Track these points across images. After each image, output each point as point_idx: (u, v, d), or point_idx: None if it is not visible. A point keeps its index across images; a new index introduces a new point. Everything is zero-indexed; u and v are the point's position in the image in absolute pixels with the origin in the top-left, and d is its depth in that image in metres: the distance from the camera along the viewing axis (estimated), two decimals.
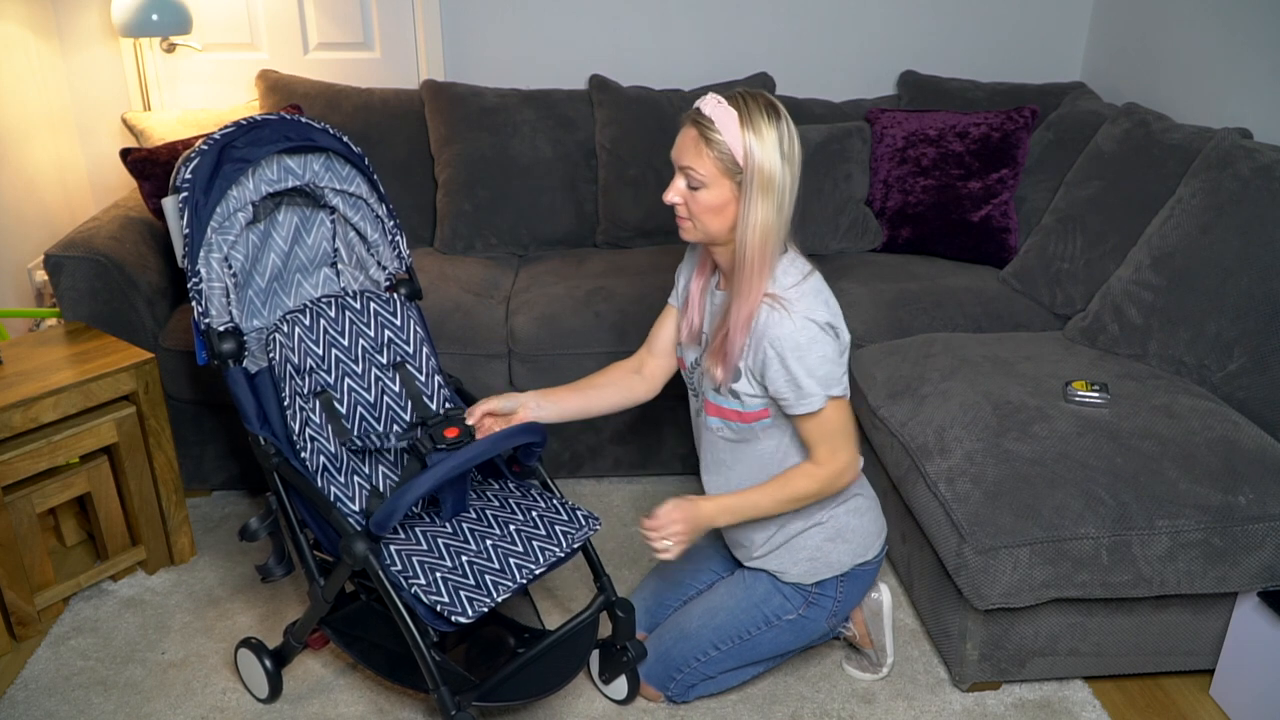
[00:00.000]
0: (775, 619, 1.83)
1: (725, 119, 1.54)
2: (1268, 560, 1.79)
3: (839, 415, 1.66)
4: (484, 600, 1.59)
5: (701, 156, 1.56)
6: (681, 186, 1.61)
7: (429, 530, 1.75)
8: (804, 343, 1.60)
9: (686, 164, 1.58)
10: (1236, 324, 2.08)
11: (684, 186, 1.61)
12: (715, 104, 1.56)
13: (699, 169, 1.57)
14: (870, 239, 2.90)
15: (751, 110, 1.55)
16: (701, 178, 1.57)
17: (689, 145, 1.58)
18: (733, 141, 1.54)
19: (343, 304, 1.88)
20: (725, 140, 1.54)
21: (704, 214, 1.61)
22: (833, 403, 1.64)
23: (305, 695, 1.91)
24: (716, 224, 1.61)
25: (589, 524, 1.78)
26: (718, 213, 1.60)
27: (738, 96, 1.57)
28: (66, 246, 2.26)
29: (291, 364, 1.77)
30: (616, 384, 1.89)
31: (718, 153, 1.55)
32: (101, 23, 2.96)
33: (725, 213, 1.60)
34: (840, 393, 1.65)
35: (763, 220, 1.57)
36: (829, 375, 1.62)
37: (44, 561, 2.07)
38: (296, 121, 1.79)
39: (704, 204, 1.60)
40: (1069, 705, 1.93)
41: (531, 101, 2.94)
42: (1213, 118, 2.64)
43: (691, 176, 1.58)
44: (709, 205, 1.59)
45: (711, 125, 1.55)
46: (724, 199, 1.59)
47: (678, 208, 1.64)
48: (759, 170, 1.55)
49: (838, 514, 1.79)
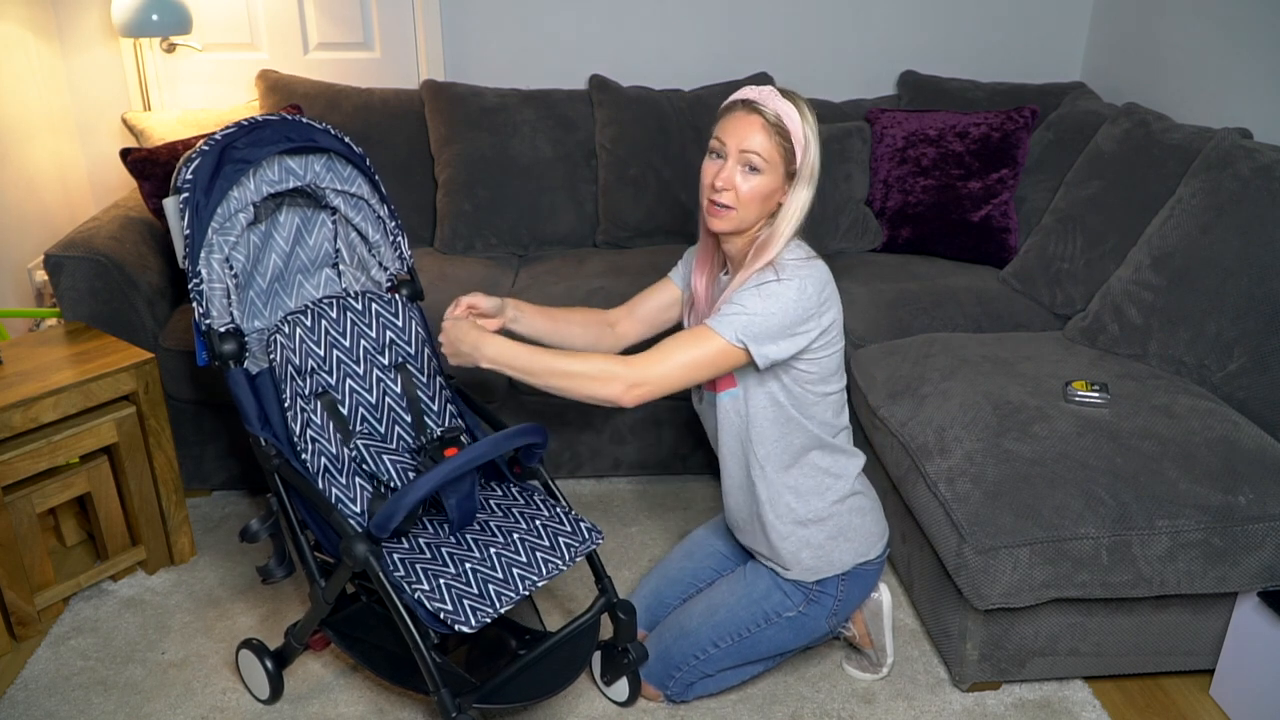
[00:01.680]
0: (775, 616, 1.83)
1: (789, 112, 1.61)
2: (1268, 560, 1.79)
3: (707, 355, 1.60)
4: (487, 610, 1.59)
5: (769, 141, 1.60)
6: (738, 171, 1.62)
7: (433, 541, 1.75)
8: (775, 291, 1.60)
9: (751, 148, 1.60)
10: (1236, 324, 2.08)
11: (743, 170, 1.62)
12: (776, 97, 1.62)
13: (764, 153, 1.60)
14: (870, 239, 2.90)
15: (803, 106, 1.63)
16: (764, 163, 1.61)
17: (754, 131, 1.60)
18: (795, 132, 1.61)
19: (344, 305, 1.87)
20: (789, 129, 1.60)
21: (752, 201, 1.63)
22: (727, 345, 1.60)
23: (306, 696, 1.91)
24: (757, 212, 1.65)
25: (592, 537, 1.78)
26: (764, 200, 1.64)
27: (789, 92, 1.63)
28: (66, 246, 2.26)
29: (292, 365, 1.77)
30: (587, 328, 1.91)
31: (782, 140, 1.61)
32: (101, 23, 2.96)
33: (769, 201, 1.65)
34: (751, 351, 1.60)
35: (801, 211, 1.65)
36: (760, 329, 1.59)
37: (44, 561, 2.07)
38: (298, 122, 1.79)
39: (756, 191, 1.62)
40: (1069, 705, 1.93)
41: (531, 101, 2.94)
42: (1213, 118, 2.64)
43: (754, 160, 1.61)
44: (761, 192, 1.63)
45: (778, 117, 1.60)
46: (774, 187, 1.64)
47: (722, 195, 1.63)
48: (811, 163, 1.63)
49: (840, 512, 1.80)
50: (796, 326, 1.62)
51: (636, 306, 1.94)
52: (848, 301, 2.57)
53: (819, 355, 1.68)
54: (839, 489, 1.79)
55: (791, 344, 1.63)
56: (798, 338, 1.63)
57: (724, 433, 1.79)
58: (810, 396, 1.71)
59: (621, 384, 1.60)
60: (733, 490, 1.85)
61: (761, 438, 1.74)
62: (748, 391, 1.72)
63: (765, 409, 1.72)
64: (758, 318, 1.60)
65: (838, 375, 1.75)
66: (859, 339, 2.48)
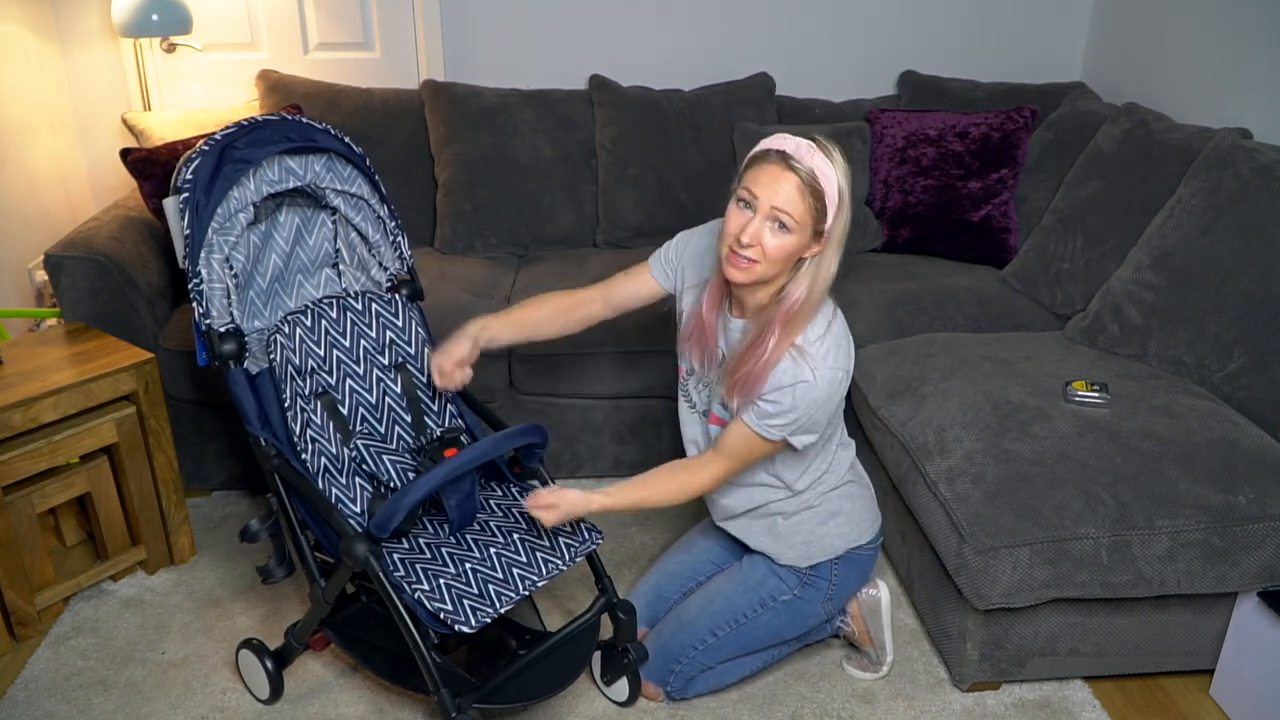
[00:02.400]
0: (771, 600, 1.85)
1: (825, 170, 1.53)
2: (1268, 560, 1.79)
3: (764, 452, 1.70)
4: (487, 610, 1.59)
5: (803, 204, 1.53)
6: (767, 227, 1.55)
7: (433, 541, 1.75)
8: (813, 397, 1.62)
9: (784, 209, 1.53)
10: (1236, 324, 2.08)
11: (772, 227, 1.55)
12: (813, 154, 1.53)
13: (795, 216, 1.53)
14: (870, 239, 2.90)
15: (838, 163, 1.55)
16: (795, 224, 1.54)
17: (790, 191, 1.53)
18: (830, 194, 1.54)
19: (344, 305, 1.87)
20: (825, 191, 1.54)
21: (779, 259, 1.57)
22: (772, 444, 1.67)
23: (306, 696, 1.91)
24: (780, 269, 1.59)
25: (592, 537, 1.78)
26: (789, 258, 1.58)
27: (827, 145, 1.55)
28: (66, 246, 2.26)
29: (293, 365, 1.77)
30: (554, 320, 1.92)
31: (816, 205, 1.54)
32: (101, 23, 2.96)
33: (793, 259, 1.59)
34: (795, 443, 1.67)
35: (832, 272, 1.61)
36: (808, 427, 1.65)
37: (44, 561, 2.07)
38: (298, 122, 1.79)
39: (784, 250, 1.56)
40: (1069, 705, 1.93)
41: (531, 101, 2.94)
42: (1213, 118, 2.64)
43: (785, 221, 1.54)
44: (787, 251, 1.56)
45: (813, 176, 1.53)
46: (802, 245, 1.57)
47: (748, 250, 1.56)
48: (843, 225, 1.58)
49: (830, 498, 1.81)
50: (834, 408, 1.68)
51: (612, 294, 1.90)
52: (848, 302, 2.57)
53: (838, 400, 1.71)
54: (830, 480, 1.82)
55: (827, 419, 1.68)
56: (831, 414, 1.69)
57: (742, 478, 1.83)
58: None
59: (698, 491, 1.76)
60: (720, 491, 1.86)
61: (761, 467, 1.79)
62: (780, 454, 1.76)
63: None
64: (800, 419, 1.63)
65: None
66: (859, 339, 2.48)
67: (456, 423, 1.96)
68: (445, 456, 1.71)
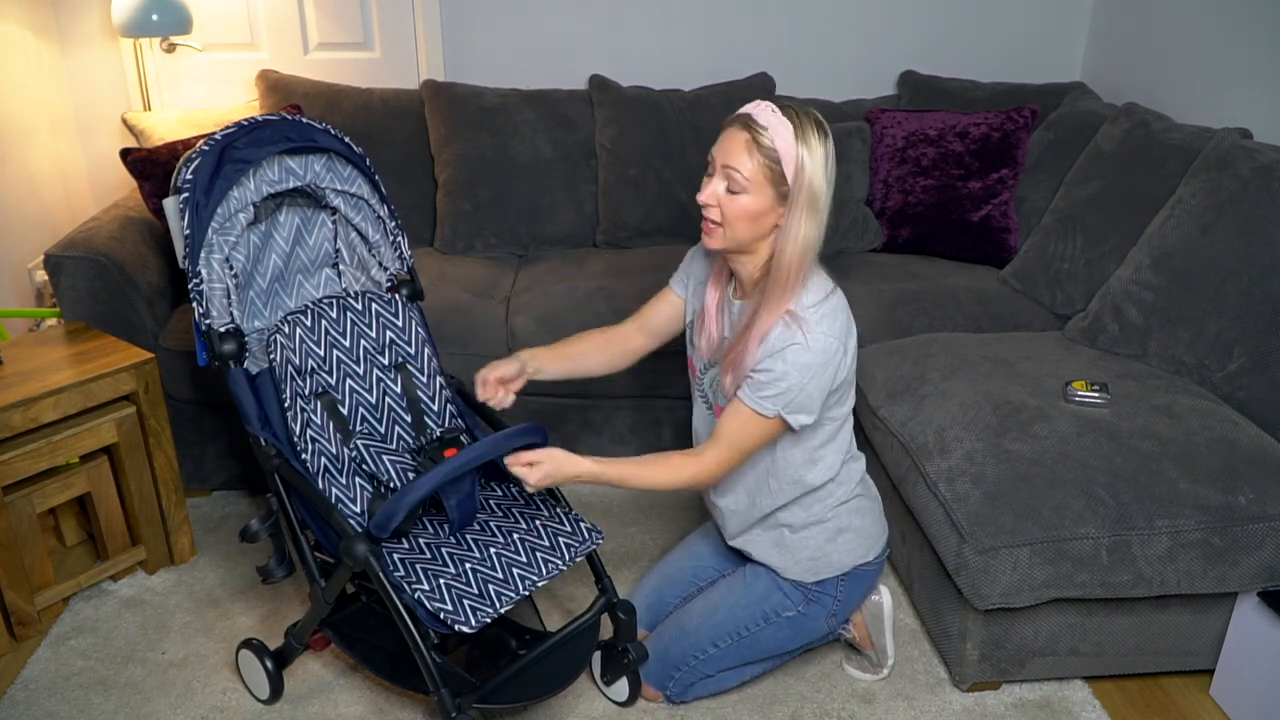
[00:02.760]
0: (774, 615, 1.83)
1: (780, 129, 1.53)
2: (1268, 560, 1.79)
3: (761, 435, 1.66)
4: (487, 610, 1.59)
5: (751, 160, 1.54)
6: (719, 189, 1.58)
7: (433, 541, 1.75)
8: (806, 362, 1.59)
9: (732, 165, 1.55)
10: (1236, 324, 2.08)
11: (722, 189, 1.58)
12: (769, 112, 1.54)
13: (744, 173, 1.54)
14: (870, 239, 2.90)
15: (805, 125, 1.54)
16: (745, 182, 1.55)
17: (738, 147, 1.55)
18: (785, 152, 1.53)
19: (344, 305, 1.87)
20: (777, 149, 1.53)
21: (738, 220, 1.58)
22: (774, 422, 1.64)
23: (306, 696, 1.91)
24: (748, 232, 1.59)
25: (592, 537, 1.78)
26: (753, 220, 1.58)
27: (792, 110, 1.55)
28: (66, 246, 2.26)
29: (292, 365, 1.77)
30: (600, 354, 1.91)
31: (767, 160, 1.54)
32: (101, 23, 2.96)
33: (760, 222, 1.58)
34: (791, 422, 1.63)
35: (805, 236, 1.58)
36: (802, 402, 1.62)
37: (44, 561, 2.07)
38: (298, 122, 1.79)
39: (741, 209, 1.57)
40: (1069, 705, 1.93)
41: (531, 101, 2.94)
42: (1213, 118, 2.64)
43: (735, 179, 1.55)
44: (746, 211, 1.57)
45: (765, 132, 1.53)
46: (763, 207, 1.57)
47: (708, 211, 1.60)
48: (808, 185, 1.55)
49: (840, 513, 1.79)
50: (827, 382, 1.64)
51: (646, 320, 1.91)
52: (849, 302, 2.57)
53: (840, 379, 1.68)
54: (840, 494, 1.80)
55: (822, 397, 1.64)
56: (827, 392, 1.65)
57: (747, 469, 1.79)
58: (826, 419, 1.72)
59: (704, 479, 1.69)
60: (729, 504, 1.85)
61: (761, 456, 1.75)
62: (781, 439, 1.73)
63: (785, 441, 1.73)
64: (794, 392, 1.60)
65: (850, 385, 1.74)
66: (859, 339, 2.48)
67: (456, 423, 1.96)
68: (445, 456, 1.71)
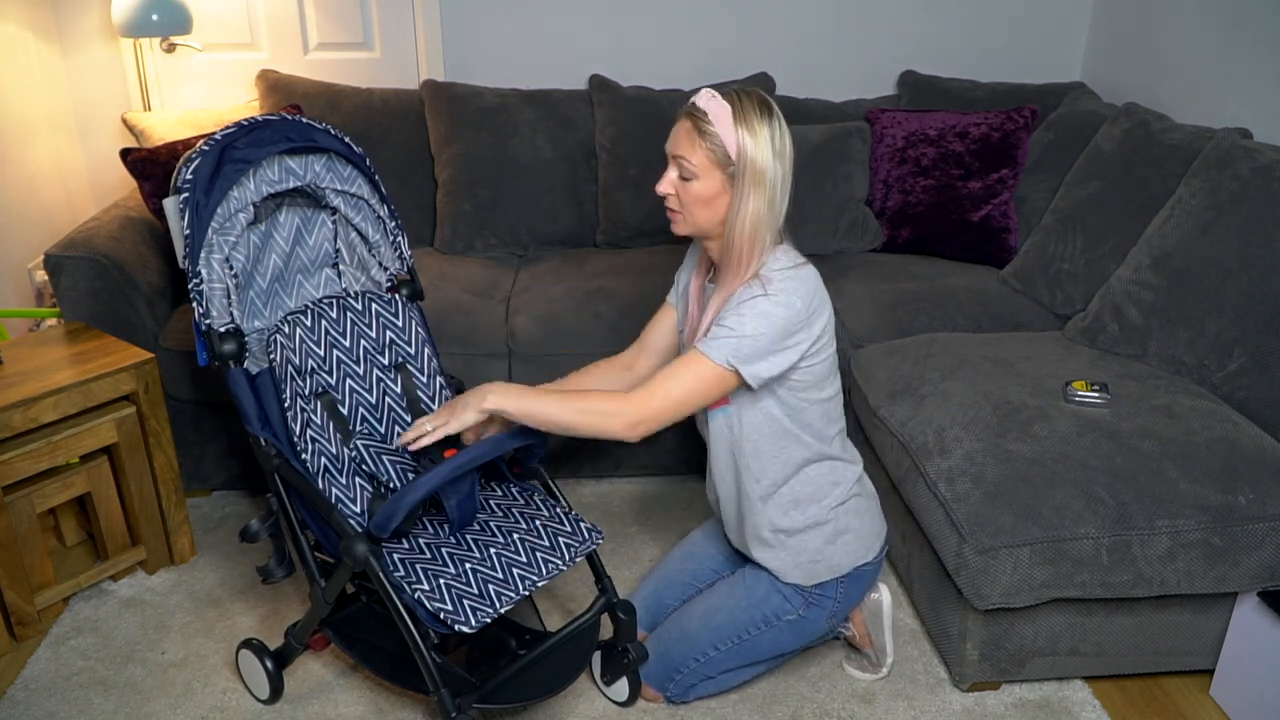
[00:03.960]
0: (775, 619, 1.83)
1: (719, 113, 1.59)
2: (1268, 560, 1.79)
3: (701, 382, 1.61)
4: (487, 610, 1.59)
5: (694, 148, 1.60)
6: (673, 177, 1.65)
7: (432, 541, 1.75)
8: (763, 309, 1.59)
9: (680, 154, 1.62)
10: (1236, 324, 2.08)
11: (675, 177, 1.65)
12: (709, 98, 1.60)
13: (691, 159, 1.61)
14: (870, 239, 2.90)
15: (745, 106, 1.59)
16: (693, 168, 1.61)
17: (682, 136, 1.62)
18: (725, 135, 1.58)
19: (344, 304, 1.87)
20: (718, 133, 1.58)
21: (694, 205, 1.64)
22: (718, 370, 1.61)
23: (306, 696, 1.91)
24: (705, 216, 1.65)
25: (592, 537, 1.78)
26: (707, 204, 1.63)
27: (733, 93, 1.61)
28: (66, 246, 2.26)
29: (292, 365, 1.77)
30: (608, 382, 1.90)
31: (710, 145, 1.59)
32: (101, 23, 2.96)
33: (715, 205, 1.63)
34: (742, 373, 1.60)
35: (753, 213, 1.61)
36: (750, 351, 1.59)
37: (44, 561, 2.07)
38: (298, 122, 1.79)
39: (694, 195, 1.63)
40: (1069, 705, 1.93)
41: (531, 101, 2.94)
42: (1213, 118, 2.64)
43: (684, 167, 1.62)
44: (699, 196, 1.63)
45: (705, 118, 1.59)
46: (714, 191, 1.62)
47: (669, 199, 1.67)
48: (751, 164, 1.59)
49: (838, 515, 1.79)
50: (785, 340, 1.61)
51: (646, 340, 1.92)
52: (848, 302, 2.58)
53: (811, 362, 1.67)
54: (837, 495, 1.79)
55: (782, 359, 1.62)
56: (788, 352, 1.62)
57: (717, 447, 1.79)
58: (804, 404, 1.71)
59: (623, 422, 1.61)
60: (728, 501, 1.85)
61: (756, 453, 1.74)
62: (740, 410, 1.72)
63: (759, 425, 1.72)
64: (747, 339, 1.59)
65: (832, 379, 1.74)
66: (859, 339, 2.48)
67: None
68: (445, 456, 1.71)
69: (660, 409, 1.61)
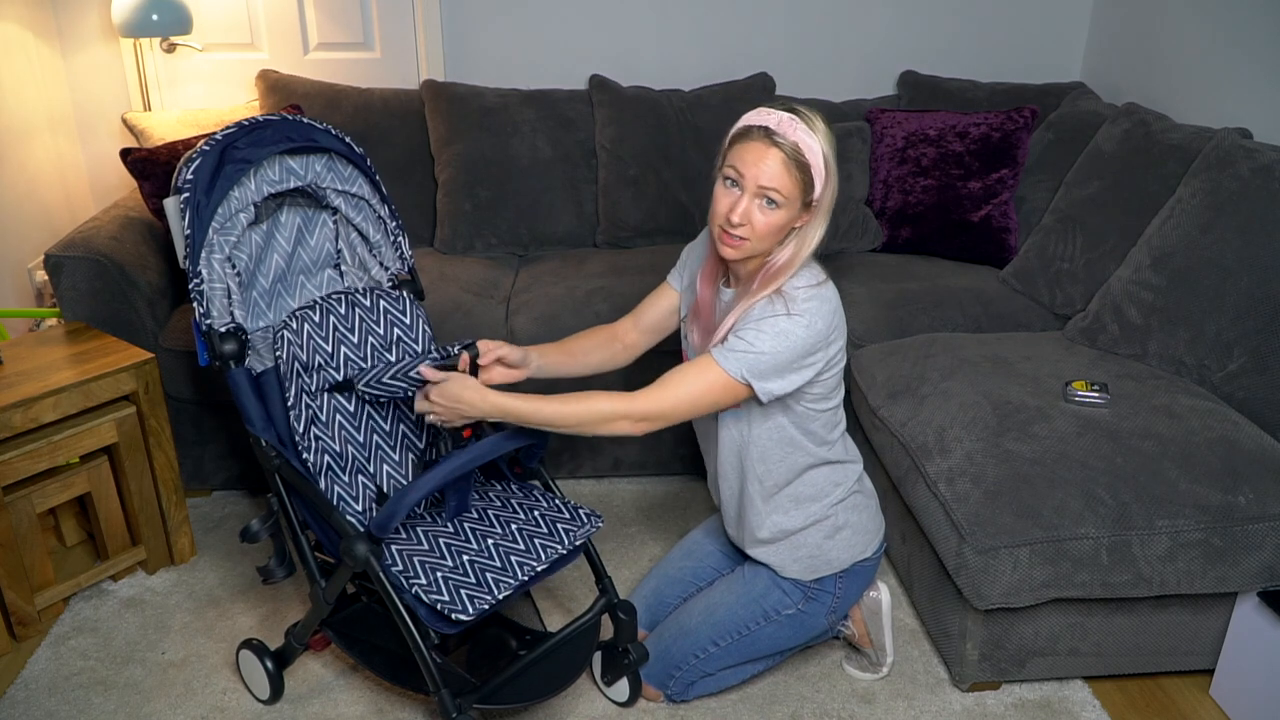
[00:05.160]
0: (774, 614, 1.83)
1: (810, 144, 1.54)
2: (1268, 560, 1.79)
3: (712, 390, 1.60)
4: (486, 598, 1.59)
5: (788, 179, 1.54)
6: (756, 205, 1.57)
7: (430, 530, 1.75)
8: (784, 329, 1.58)
9: (773, 186, 1.54)
10: (1236, 324, 2.08)
11: (761, 204, 1.56)
12: (795, 126, 1.54)
13: (784, 191, 1.55)
14: (870, 239, 2.90)
15: (820, 133, 1.55)
16: (784, 200, 1.56)
17: (777, 169, 1.54)
18: (816, 165, 1.55)
19: (353, 301, 1.87)
20: (809, 163, 1.54)
21: (769, 234, 1.58)
22: (731, 382, 1.60)
23: (306, 696, 1.91)
24: (772, 243, 1.61)
25: (591, 522, 1.78)
26: (779, 232, 1.60)
27: (809, 115, 1.55)
28: (66, 246, 2.26)
29: (300, 362, 1.76)
30: (599, 350, 1.91)
31: (803, 176, 1.55)
32: (101, 23, 2.96)
33: (783, 232, 1.61)
34: (755, 388, 1.60)
35: (818, 239, 1.62)
36: (766, 367, 1.59)
37: (44, 561, 2.07)
38: (298, 122, 1.79)
39: (774, 225, 1.58)
40: (1069, 705, 1.93)
41: (531, 101, 2.94)
42: (1213, 118, 2.64)
43: (774, 197, 1.55)
44: (779, 226, 1.58)
45: (797, 150, 1.54)
46: (790, 219, 1.59)
47: (738, 229, 1.58)
48: (830, 194, 1.59)
49: (837, 511, 1.80)
50: (803, 361, 1.61)
51: (641, 316, 1.91)
52: (848, 302, 2.57)
53: (825, 377, 1.68)
54: (837, 494, 1.80)
55: (798, 377, 1.62)
56: (804, 371, 1.62)
57: (724, 451, 1.79)
58: (811, 413, 1.72)
59: (628, 421, 1.61)
60: (730, 500, 1.85)
61: (763, 457, 1.75)
62: (750, 417, 1.72)
63: (769, 433, 1.72)
64: (765, 356, 1.58)
65: (838, 389, 1.75)
66: (859, 339, 2.48)
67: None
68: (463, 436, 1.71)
69: (670, 409, 1.62)
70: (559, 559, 1.71)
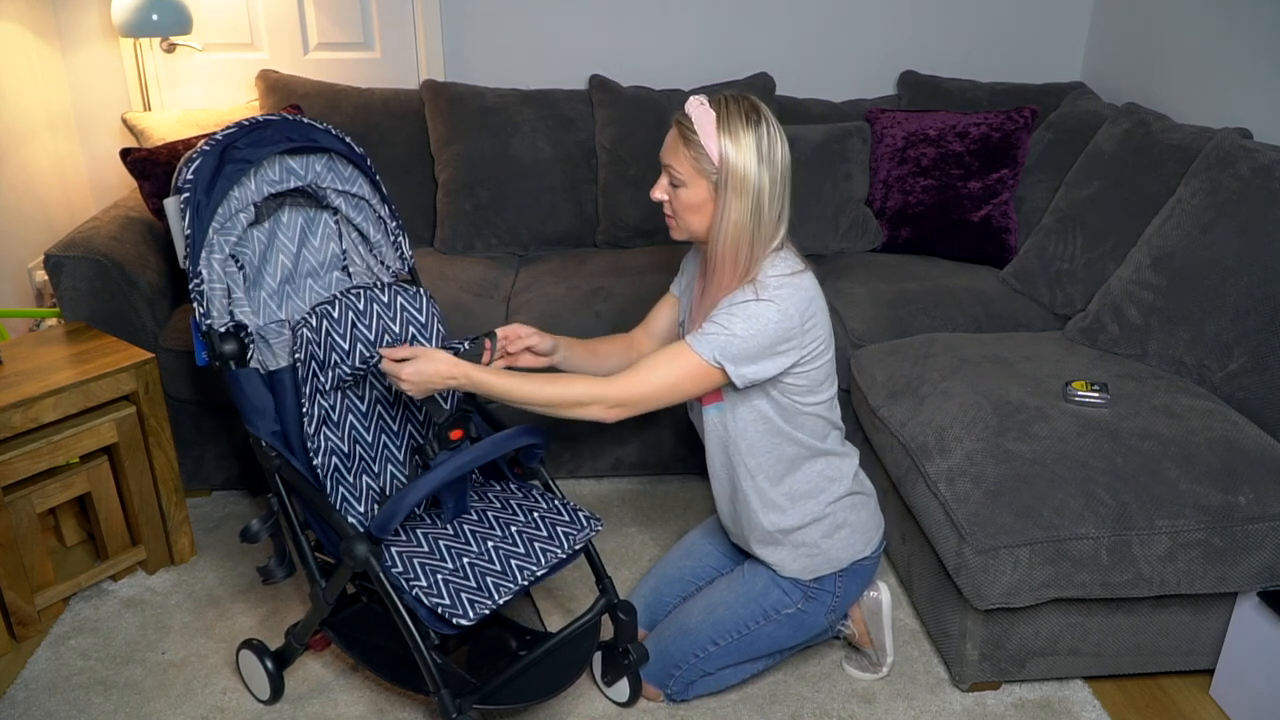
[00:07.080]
0: (774, 613, 1.84)
1: (704, 121, 1.60)
2: (1268, 560, 1.79)
3: (686, 375, 1.62)
4: (485, 602, 1.59)
5: (680, 156, 1.63)
6: (665, 184, 1.68)
7: (430, 532, 1.75)
8: (754, 312, 1.60)
9: (668, 162, 1.65)
10: (1236, 324, 2.08)
11: (667, 184, 1.68)
12: (697, 105, 1.62)
13: (677, 168, 1.64)
14: (870, 239, 2.90)
15: (730, 113, 1.60)
16: (680, 176, 1.64)
17: (671, 145, 1.65)
18: (708, 143, 1.60)
19: (371, 296, 1.86)
20: (702, 142, 1.60)
21: (685, 212, 1.67)
22: (704, 365, 1.62)
23: (306, 696, 1.91)
24: (697, 222, 1.67)
25: (591, 525, 1.78)
26: (696, 211, 1.66)
27: (721, 99, 1.62)
28: (66, 246, 2.26)
29: (316, 359, 1.75)
30: (618, 355, 1.95)
31: (694, 153, 1.61)
32: (101, 23, 2.96)
33: (704, 211, 1.66)
34: (730, 373, 1.61)
35: (736, 220, 1.62)
36: (738, 351, 1.60)
37: (44, 561, 2.07)
38: (298, 122, 1.79)
39: (684, 202, 1.66)
40: (1069, 705, 1.93)
41: (531, 101, 2.94)
42: (1213, 118, 2.64)
43: (672, 175, 1.65)
44: (688, 204, 1.66)
45: (691, 126, 1.61)
46: (701, 198, 1.64)
47: (664, 205, 1.70)
48: (732, 172, 1.60)
49: (835, 510, 1.80)
50: (776, 347, 1.62)
51: (650, 325, 1.96)
52: (848, 302, 2.58)
53: (806, 369, 1.68)
54: (835, 491, 1.80)
55: (772, 364, 1.63)
56: (779, 358, 1.63)
57: (710, 444, 1.81)
58: (799, 406, 1.72)
59: (601, 406, 1.64)
60: (723, 496, 1.86)
61: (751, 450, 1.75)
62: (733, 407, 1.73)
63: (752, 423, 1.73)
64: (736, 339, 1.60)
65: (828, 383, 1.75)
66: (859, 339, 2.48)
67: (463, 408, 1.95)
68: (451, 438, 1.71)
69: (642, 395, 1.64)
70: (558, 563, 1.71)
